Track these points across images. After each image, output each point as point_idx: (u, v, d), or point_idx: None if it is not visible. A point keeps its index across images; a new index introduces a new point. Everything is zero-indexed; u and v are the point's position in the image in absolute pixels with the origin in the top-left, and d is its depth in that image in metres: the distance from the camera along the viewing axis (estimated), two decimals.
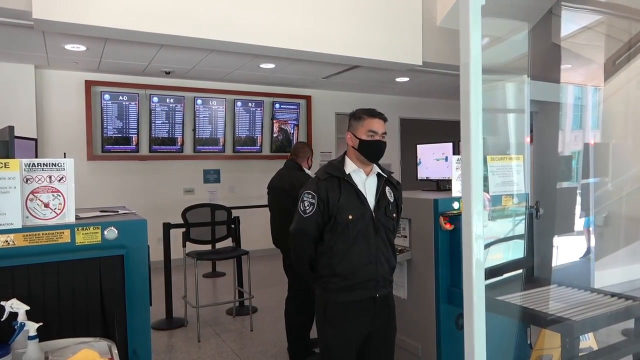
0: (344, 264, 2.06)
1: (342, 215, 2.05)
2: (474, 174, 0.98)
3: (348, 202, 2.06)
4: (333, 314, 2.11)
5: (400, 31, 5.17)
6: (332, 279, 2.08)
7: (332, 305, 2.11)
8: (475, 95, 0.99)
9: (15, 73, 5.66)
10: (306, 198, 2.09)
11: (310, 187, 2.11)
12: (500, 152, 2.58)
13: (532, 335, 2.55)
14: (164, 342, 3.89)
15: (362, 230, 2.06)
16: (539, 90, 3.25)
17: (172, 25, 4.12)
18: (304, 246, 2.14)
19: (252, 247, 5.32)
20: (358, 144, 2.12)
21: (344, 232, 2.05)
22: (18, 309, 1.42)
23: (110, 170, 6.38)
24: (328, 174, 2.12)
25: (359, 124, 2.14)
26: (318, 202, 2.06)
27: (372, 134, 2.12)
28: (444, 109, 8.73)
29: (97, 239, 1.77)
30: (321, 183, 2.09)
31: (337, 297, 2.09)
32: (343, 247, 2.06)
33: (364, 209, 2.08)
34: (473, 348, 0.98)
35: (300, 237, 2.13)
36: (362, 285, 2.08)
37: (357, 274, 2.06)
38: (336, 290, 2.08)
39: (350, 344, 2.10)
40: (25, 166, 1.70)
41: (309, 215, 2.07)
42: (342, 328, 2.09)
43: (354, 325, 2.09)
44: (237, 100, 7.08)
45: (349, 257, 2.06)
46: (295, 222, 2.14)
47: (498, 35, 2.10)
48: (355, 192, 2.09)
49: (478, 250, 1.00)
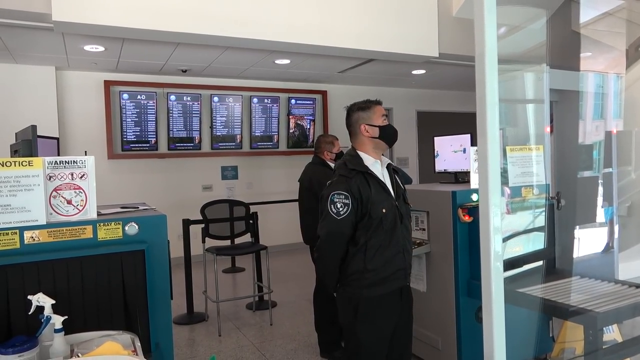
0: (377, 258, 2.01)
1: (376, 210, 1.99)
2: (490, 165, 0.96)
3: (379, 196, 2.01)
4: (366, 311, 2.04)
5: (416, 22, 5.12)
6: (364, 275, 2.01)
7: (364, 301, 2.04)
8: (490, 86, 0.97)
9: (37, 75, 5.78)
10: (338, 199, 1.97)
11: (340, 186, 1.99)
12: (519, 142, 2.54)
13: (554, 327, 2.52)
14: (185, 336, 3.95)
15: (392, 222, 2.03)
16: (558, 78, 3.19)
17: (188, 24, 4.16)
18: (339, 249, 2.03)
19: (271, 242, 5.35)
20: (379, 132, 2.08)
21: (378, 226, 2.00)
22: (44, 303, 1.46)
23: (130, 168, 6.48)
24: (354, 170, 2.03)
25: (371, 113, 2.10)
26: (352, 201, 1.96)
27: (385, 118, 2.13)
28: (462, 100, 8.62)
29: (119, 235, 1.80)
30: (351, 181, 2.00)
31: (369, 292, 2.03)
32: (377, 241, 2.00)
33: (391, 200, 2.05)
34: (492, 341, 0.97)
35: (335, 241, 2.02)
36: (394, 276, 2.05)
37: (388, 265, 2.03)
38: (368, 286, 2.02)
39: (383, 338, 2.08)
40: (48, 164, 1.74)
41: (344, 217, 1.96)
42: (376, 323, 2.05)
43: (386, 318, 2.07)
44: (253, 97, 7.11)
45: (381, 250, 2.01)
46: (327, 226, 2.00)
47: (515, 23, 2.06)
48: (380, 184, 2.05)
49: (496, 242, 0.99)
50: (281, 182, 7.26)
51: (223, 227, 4.41)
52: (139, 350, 1.47)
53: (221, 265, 5.95)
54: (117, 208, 2.12)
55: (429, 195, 2.99)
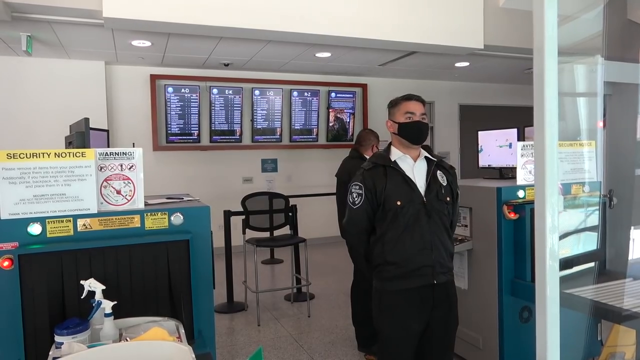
0: (396, 251, 2.03)
1: (390, 203, 2.04)
2: (548, 162, 0.92)
3: (395, 188, 2.05)
4: (388, 304, 2.08)
5: (460, 14, 4.98)
6: (386, 267, 2.06)
7: (386, 294, 2.08)
8: (550, 79, 0.92)
9: (88, 69, 6.04)
10: (354, 190, 2.11)
11: (357, 178, 2.13)
12: (569, 137, 2.43)
13: (603, 331, 2.41)
14: (225, 325, 4.04)
15: (413, 216, 2.03)
16: (614, 71, 3.02)
17: (231, 18, 4.22)
18: (357, 238, 2.17)
19: (309, 235, 5.38)
20: (398, 128, 2.11)
21: (394, 219, 2.03)
22: (95, 288, 1.52)
23: (173, 160, 6.66)
24: (373, 163, 2.13)
25: (396, 109, 2.15)
26: (366, 192, 2.07)
27: (410, 116, 2.10)
28: (507, 94, 8.35)
29: (165, 224, 1.86)
30: (366, 173, 2.11)
31: (391, 286, 2.06)
32: (394, 234, 2.03)
33: (413, 195, 2.04)
34: (545, 342, 0.93)
35: (353, 229, 2.15)
36: (418, 272, 2.03)
37: (411, 260, 2.02)
38: (390, 279, 2.06)
39: (408, 334, 2.05)
40: (99, 155, 1.81)
41: (359, 207, 2.09)
42: (398, 318, 2.05)
43: (411, 315, 2.05)
44: (294, 90, 7.15)
45: (400, 244, 2.02)
46: (347, 215, 2.16)
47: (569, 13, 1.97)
48: (403, 178, 2.06)
49: (553, 242, 0.95)
50: (320, 175, 7.27)
51: (263, 219, 4.47)
52: (183, 337, 1.52)
53: (260, 256, 6.04)
54: (162, 199, 2.18)
55: (472, 191, 2.91)
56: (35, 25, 4.36)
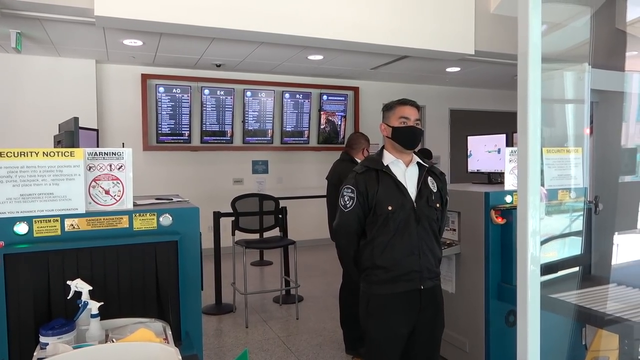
0: (385, 255, 2.04)
1: (382, 207, 2.05)
2: (530, 167, 0.94)
3: (387, 193, 2.06)
4: (375, 307, 2.09)
5: (452, 19, 5.03)
6: (374, 271, 2.08)
7: (374, 297, 2.09)
8: (533, 85, 0.94)
9: (78, 68, 6.00)
10: (346, 193, 2.12)
11: (349, 181, 2.14)
12: (557, 144, 2.46)
13: (588, 335, 2.44)
14: (213, 326, 4.03)
15: (403, 221, 2.04)
16: (601, 78, 3.07)
17: (224, 19, 4.22)
18: (348, 241, 2.16)
19: (299, 237, 5.38)
20: (391, 132, 2.12)
21: (384, 223, 2.04)
22: (82, 289, 1.51)
23: (163, 160, 6.63)
24: (365, 167, 2.13)
25: (391, 113, 2.15)
26: (357, 196, 2.08)
27: (405, 120, 2.10)
28: (497, 99, 8.43)
29: (153, 225, 1.85)
30: (359, 176, 2.11)
31: (379, 290, 2.07)
32: (384, 238, 2.05)
33: (404, 200, 2.06)
34: (526, 347, 0.95)
35: (343, 232, 2.15)
36: (406, 277, 2.05)
37: (399, 265, 2.04)
38: (378, 283, 2.07)
39: (395, 337, 2.07)
40: (88, 155, 1.80)
41: (350, 210, 2.09)
42: (385, 321, 2.07)
43: (397, 318, 2.07)
44: (285, 92, 7.15)
45: (390, 248, 2.04)
46: (338, 218, 2.16)
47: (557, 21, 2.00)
48: (395, 183, 2.08)
49: (534, 246, 0.97)
50: (311, 177, 7.29)
51: (253, 220, 4.47)
52: (170, 338, 1.51)
53: (250, 258, 6.03)
54: (152, 199, 2.18)
55: (460, 195, 2.94)
56: (25, 22, 4.33)
